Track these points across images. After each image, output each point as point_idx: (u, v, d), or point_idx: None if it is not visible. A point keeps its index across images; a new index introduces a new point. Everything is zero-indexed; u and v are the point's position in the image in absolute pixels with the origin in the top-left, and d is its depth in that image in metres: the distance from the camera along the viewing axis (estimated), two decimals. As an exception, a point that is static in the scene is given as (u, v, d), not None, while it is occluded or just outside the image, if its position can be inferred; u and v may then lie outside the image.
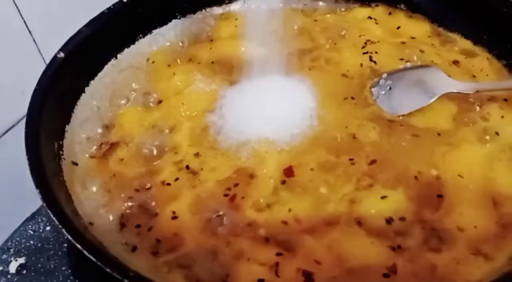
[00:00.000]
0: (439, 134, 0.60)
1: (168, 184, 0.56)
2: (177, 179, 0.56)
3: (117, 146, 0.60)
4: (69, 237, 0.43)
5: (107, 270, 0.41)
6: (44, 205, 0.45)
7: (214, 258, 0.50)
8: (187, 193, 0.55)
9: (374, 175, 0.56)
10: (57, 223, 0.44)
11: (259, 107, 0.62)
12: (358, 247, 0.51)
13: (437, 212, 0.53)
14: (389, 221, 0.52)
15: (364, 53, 0.69)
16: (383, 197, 0.54)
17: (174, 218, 0.53)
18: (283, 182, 0.55)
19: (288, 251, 0.50)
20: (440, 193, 0.54)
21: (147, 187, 0.56)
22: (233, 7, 0.78)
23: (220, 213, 0.53)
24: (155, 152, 0.59)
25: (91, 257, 0.41)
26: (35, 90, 0.56)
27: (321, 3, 0.79)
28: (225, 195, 0.54)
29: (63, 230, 0.43)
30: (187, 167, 0.57)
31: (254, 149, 0.58)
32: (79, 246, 0.42)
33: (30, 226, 0.65)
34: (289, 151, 0.58)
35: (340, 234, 0.51)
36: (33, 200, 0.65)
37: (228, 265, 0.49)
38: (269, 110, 0.62)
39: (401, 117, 0.62)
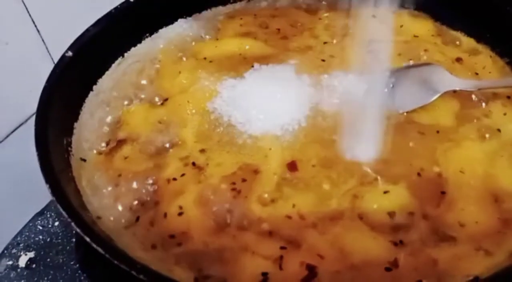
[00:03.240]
0: (441, 131, 0.60)
1: (174, 179, 0.57)
2: (183, 175, 0.57)
3: (124, 143, 0.61)
4: (78, 230, 0.44)
5: (115, 262, 0.42)
6: (54, 199, 0.47)
7: (220, 251, 0.51)
8: (193, 188, 0.56)
9: (377, 171, 0.56)
10: (66, 216, 0.45)
11: (264, 104, 0.63)
12: (360, 242, 0.51)
13: (438, 208, 0.54)
14: (391, 216, 0.53)
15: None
16: (385, 192, 0.54)
17: (180, 213, 0.54)
18: (286, 178, 0.56)
19: (292, 245, 0.51)
20: (442, 189, 0.55)
21: (153, 182, 0.57)
22: (238, 6, 0.79)
23: (225, 207, 0.54)
24: (161, 149, 0.60)
25: (99, 249, 0.42)
26: (44, 88, 0.57)
27: (324, 1, 0.79)
28: (231, 190, 0.55)
29: (72, 223, 0.44)
30: (193, 163, 0.58)
31: (258, 145, 0.59)
32: (87, 239, 0.43)
33: (39, 222, 0.66)
34: (293, 147, 0.59)
35: (343, 229, 0.52)
36: (42, 196, 0.67)
37: (233, 258, 0.50)
38: (273, 107, 0.62)
39: (404, 115, 0.62)
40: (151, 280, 0.41)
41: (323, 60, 0.69)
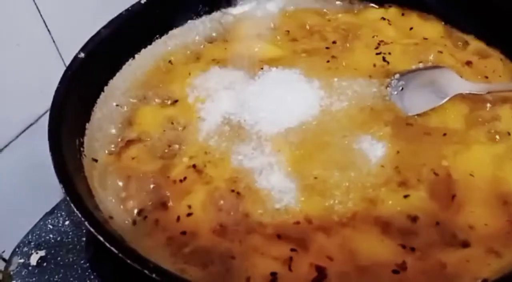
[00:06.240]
0: (451, 134, 0.60)
1: (183, 180, 0.57)
2: (191, 176, 0.57)
3: (135, 143, 0.62)
4: (91, 230, 0.44)
5: (128, 261, 0.42)
6: (67, 199, 0.47)
7: (229, 251, 0.51)
8: (200, 189, 0.56)
9: (392, 175, 0.56)
10: (80, 216, 0.46)
11: (273, 106, 0.63)
12: (369, 245, 0.51)
13: (448, 211, 0.54)
14: (400, 219, 0.53)
15: (377, 54, 0.70)
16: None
17: (189, 214, 0.54)
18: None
19: (301, 247, 0.51)
20: (452, 192, 0.55)
21: (162, 183, 0.57)
22: (247, 8, 0.79)
23: (232, 210, 0.54)
24: (170, 149, 0.61)
25: (113, 249, 0.43)
26: (58, 89, 0.57)
27: (334, 3, 0.79)
28: (237, 193, 0.55)
29: (86, 223, 0.45)
30: (200, 165, 0.58)
31: (267, 146, 0.59)
32: (101, 238, 0.44)
33: (49, 221, 0.66)
34: (301, 149, 0.59)
35: (352, 232, 0.52)
36: (52, 195, 0.67)
37: (242, 258, 0.50)
38: (283, 109, 0.63)
39: (413, 117, 0.62)
40: (164, 279, 0.42)
41: (333, 63, 0.69)
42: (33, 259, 0.62)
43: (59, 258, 0.62)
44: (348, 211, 0.54)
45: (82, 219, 0.45)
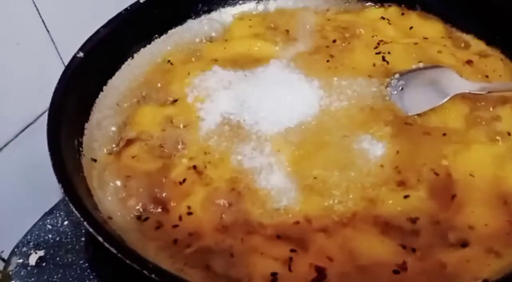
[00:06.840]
0: (451, 134, 0.60)
1: (182, 181, 0.57)
2: (190, 177, 0.57)
3: (134, 143, 0.61)
4: (91, 230, 0.44)
5: (127, 261, 0.42)
6: (66, 199, 0.47)
7: (229, 251, 0.51)
8: (200, 190, 0.56)
9: (392, 175, 0.56)
10: (79, 216, 0.45)
11: (273, 105, 0.63)
12: (369, 245, 0.51)
13: (448, 211, 0.54)
14: (400, 220, 0.53)
15: (377, 53, 0.70)
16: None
17: (189, 213, 0.54)
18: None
19: (301, 247, 0.51)
20: (452, 192, 0.55)
21: (162, 183, 0.57)
22: (247, 7, 0.79)
23: (232, 210, 0.54)
24: (169, 149, 0.61)
25: (112, 249, 0.43)
26: (56, 89, 0.57)
27: (334, 2, 0.79)
28: (237, 193, 0.55)
29: (85, 223, 0.45)
30: (200, 165, 0.58)
31: (267, 146, 0.59)
32: (100, 239, 0.44)
33: (48, 221, 0.66)
34: (301, 149, 0.59)
35: (352, 232, 0.52)
36: (51, 195, 0.67)
37: (242, 258, 0.50)
38: (282, 108, 0.63)
39: (413, 117, 0.62)
40: (163, 280, 0.42)
41: (332, 62, 0.69)
42: (32, 259, 0.62)
43: (58, 258, 0.62)
44: (347, 211, 0.53)
45: (81, 219, 0.45)
